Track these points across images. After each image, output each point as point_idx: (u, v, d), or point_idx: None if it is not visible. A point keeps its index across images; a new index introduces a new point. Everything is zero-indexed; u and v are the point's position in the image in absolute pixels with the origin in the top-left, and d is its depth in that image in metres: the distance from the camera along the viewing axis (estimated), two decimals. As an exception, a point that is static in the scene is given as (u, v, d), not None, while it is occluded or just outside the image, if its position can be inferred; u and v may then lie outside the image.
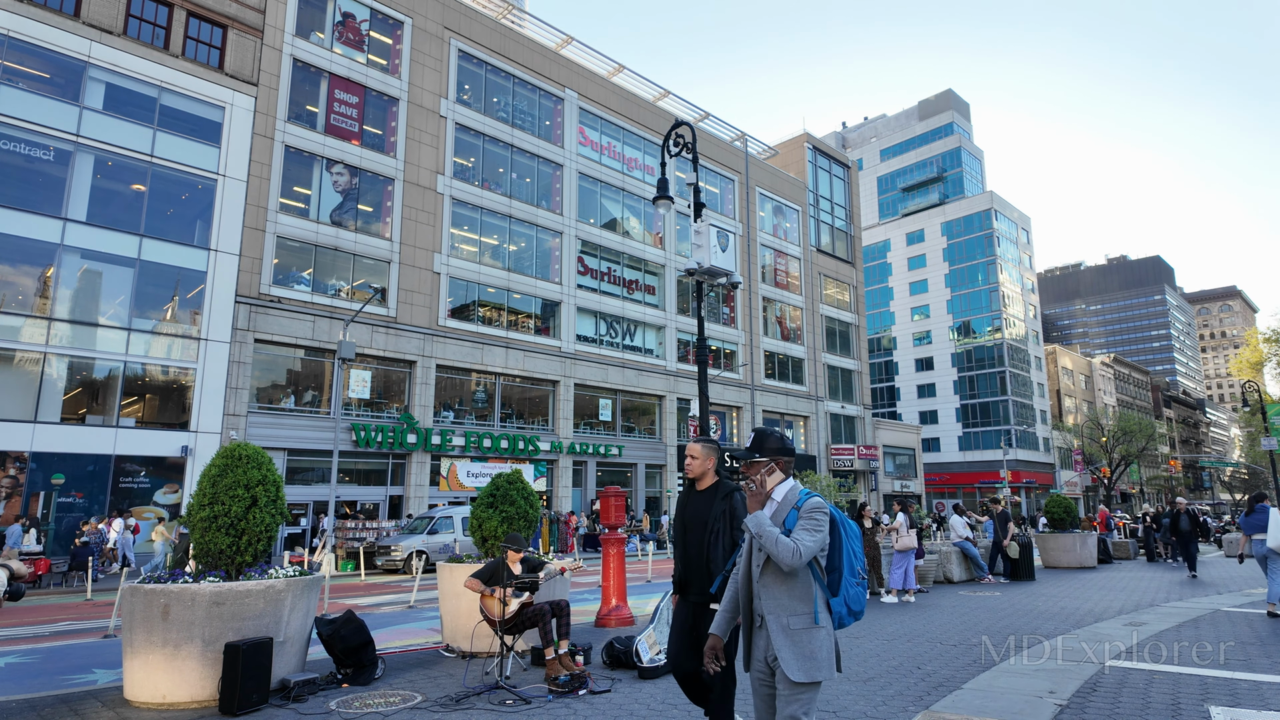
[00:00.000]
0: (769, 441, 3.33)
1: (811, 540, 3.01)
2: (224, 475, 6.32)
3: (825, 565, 3.14)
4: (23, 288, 21.06)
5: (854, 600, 3.14)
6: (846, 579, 3.12)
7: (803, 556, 2.96)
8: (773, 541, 2.98)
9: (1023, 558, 15.94)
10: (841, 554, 3.15)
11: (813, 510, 3.09)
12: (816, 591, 3.09)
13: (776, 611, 3.08)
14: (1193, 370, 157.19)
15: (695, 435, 40.37)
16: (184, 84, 24.16)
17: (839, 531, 3.16)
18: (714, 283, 12.11)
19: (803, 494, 3.19)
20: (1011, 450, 67.28)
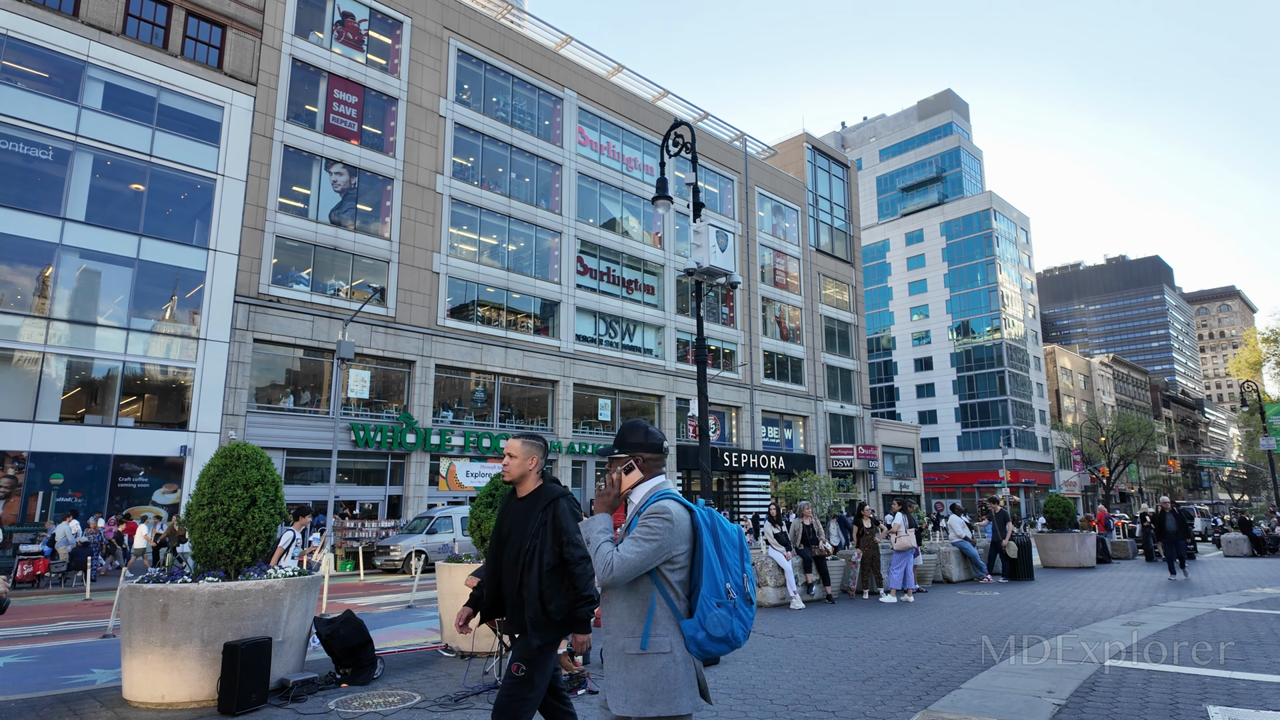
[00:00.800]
0: (632, 435, 2.89)
1: (636, 551, 2.54)
2: (223, 475, 6.32)
3: (685, 581, 2.66)
4: (21, 287, 21.04)
5: (714, 625, 2.55)
6: (705, 599, 2.58)
7: (615, 570, 2.52)
8: (594, 550, 2.60)
9: (1021, 557, 15.95)
10: (702, 568, 2.61)
11: (650, 515, 2.61)
12: (654, 610, 2.60)
13: (615, 632, 2.66)
14: (1191, 370, 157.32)
15: (695, 433, 40.13)
16: (183, 83, 24.14)
17: (700, 541, 2.65)
18: (713, 282, 12.12)
19: (654, 497, 2.72)
20: (1010, 450, 67.33)
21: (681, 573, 2.64)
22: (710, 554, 2.63)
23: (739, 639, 2.61)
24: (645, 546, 2.56)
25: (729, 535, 2.71)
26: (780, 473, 41.57)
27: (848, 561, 13.37)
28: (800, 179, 51.21)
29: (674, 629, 2.60)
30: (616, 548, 2.57)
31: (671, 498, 2.69)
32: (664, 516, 2.60)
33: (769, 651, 7.95)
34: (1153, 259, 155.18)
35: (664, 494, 2.73)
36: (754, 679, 6.67)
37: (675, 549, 2.61)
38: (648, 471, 2.86)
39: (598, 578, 2.59)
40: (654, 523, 2.59)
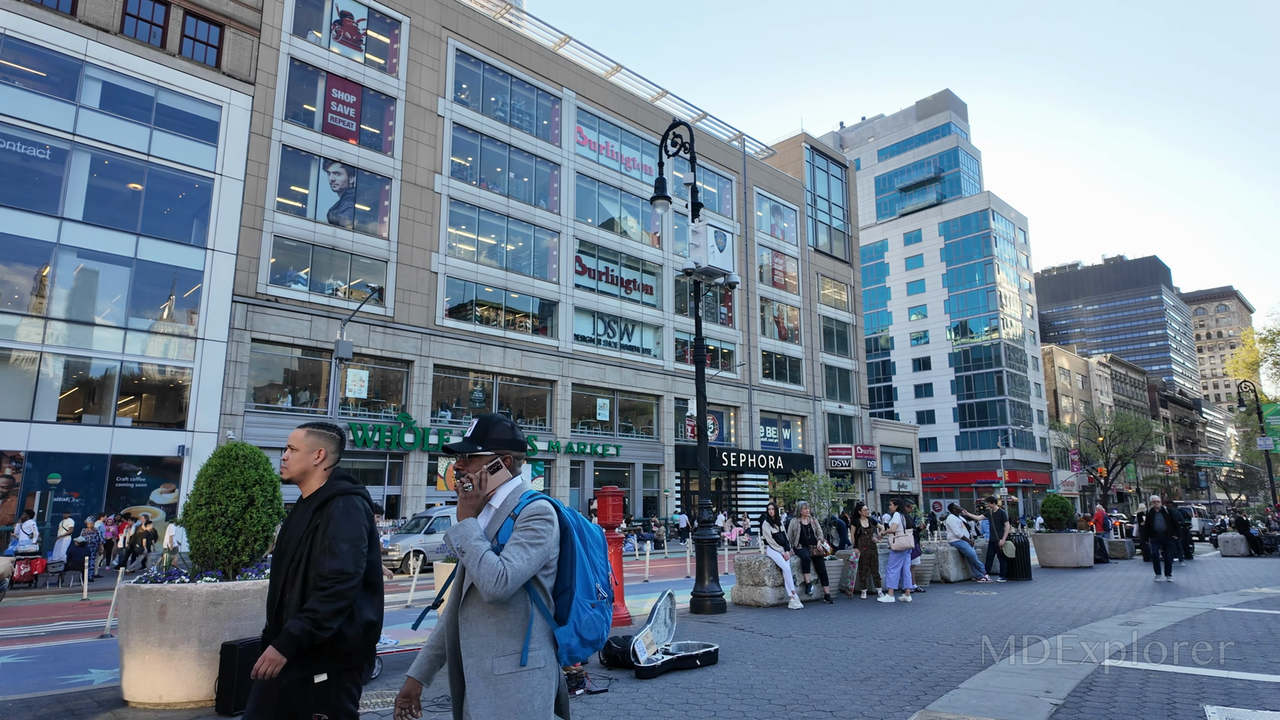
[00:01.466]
0: (495, 430, 2.59)
1: (525, 558, 2.32)
2: (221, 475, 6.31)
3: (554, 586, 2.46)
4: (19, 287, 21.00)
5: (588, 627, 2.44)
6: (579, 601, 2.43)
7: (510, 581, 2.27)
8: (475, 561, 2.31)
9: (1019, 557, 15.96)
10: (574, 570, 2.46)
11: (532, 517, 2.41)
12: (534, 622, 2.39)
13: (479, 653, 2.36)
14: (1189, 370, 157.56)
15: (693, 433, 40.04)
16: (181, 83, 24.11)
17: (572, 541, 2.49)
18: (712, 282, 12.12)
19: (524, 497, 2.51)
20: (1008, 450, 67.40)
21: (552, 578, 2.46)
22: (582, 553, 2.50)
23: (604, 639, 2.50)
24: (533, 552, 2.35)
25: (593, 534, 2.59)
26: (778, 473, 41.58)
27: (846, 561, 13.37)
28: (799, 179, 51.22)
29: (547, 640, 2.41)
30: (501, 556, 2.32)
31: (543, 497, 2.50)
32: (547, 518, 2.42)
33: (767, 651, 7.96)
34: (1150, 259, 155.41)
35: (535, 494, 2.54)
36: (752, 679, 6.67)
37: (553, 552, 2.43)
38: (515, 470, 2.62)
39: (488, 589, 2.27)
40: (538, 525, 2.39)
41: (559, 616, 2.44)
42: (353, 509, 2.97)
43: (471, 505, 2.52)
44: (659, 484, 37.06)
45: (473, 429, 2.60)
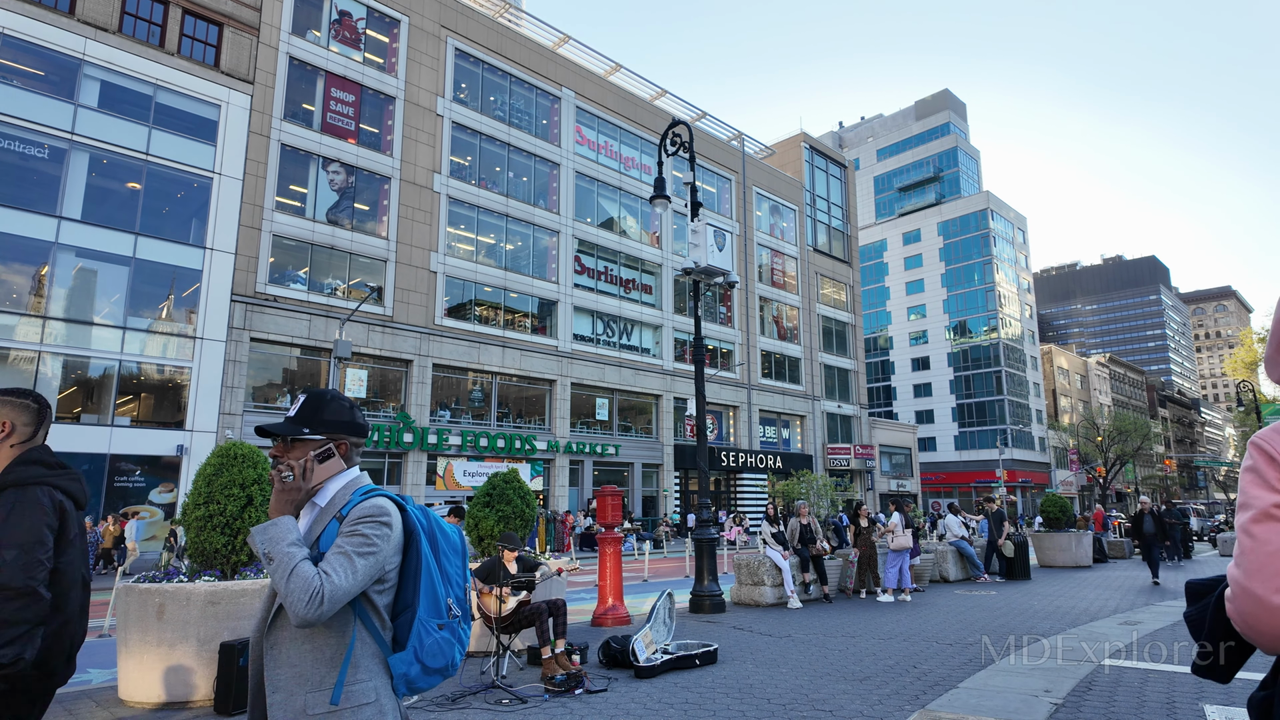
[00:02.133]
0: (329, 409, 2.13)
1: (349, 571, 1.87)
2: (219, 474, 6.31)
3: (392, 603, 2.03)
4: (17, 286, 20.97)
5: (433, 653, 1.99)
6: (423, 621, 1.99)
7: (326, 601, 1.81)
8: (284, 573, 1.84)
9: (1018, 557, 15.97)
10: (420, 583, 2.02)
11: (363, 519, 1.95)
12: (362, 648, 1.96)
13: (290, 687, 1.90)
14: (1188, 370, 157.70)
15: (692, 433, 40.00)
16: (180, 82, 24.08)
17: (418, 547, 2.04)
18: (711, 282, 12.12)
19: (358, 494, 2.06)
20: (1007, 450, 67.44)
21: (389, 594, 2.02)
22: (431, 564, 2.05)
23: (456, 664, 2.07)
24: (361, 564, 1.89)
25: (449, 538, 2.16)
26: (778, 472, 41.57)
27: (845, 561, 13.37)
28: (798, 179, 51.22)
29: (380, 669, 1.97)
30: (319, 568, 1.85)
31: (382, 494, 2.06)
32: (382, 520, 1.96)
33: (766, 650, 7.96)
34: (1149, 259, 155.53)
35: (371, 490, 2.08)
36: (751, 678, 6.67)
37: (390, 562, 1.99)
38: (351, 461, 2.15)
39: (299, 612, 1.80)
40: (370, 530, 1.93)
41: (397, 640, 2.01)
42: (25, 504, 2.33)
43: (290, 500, 2.02)
44: (658, 483, 37.05)
45: (300, 406, 2.12)
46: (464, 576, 2.17)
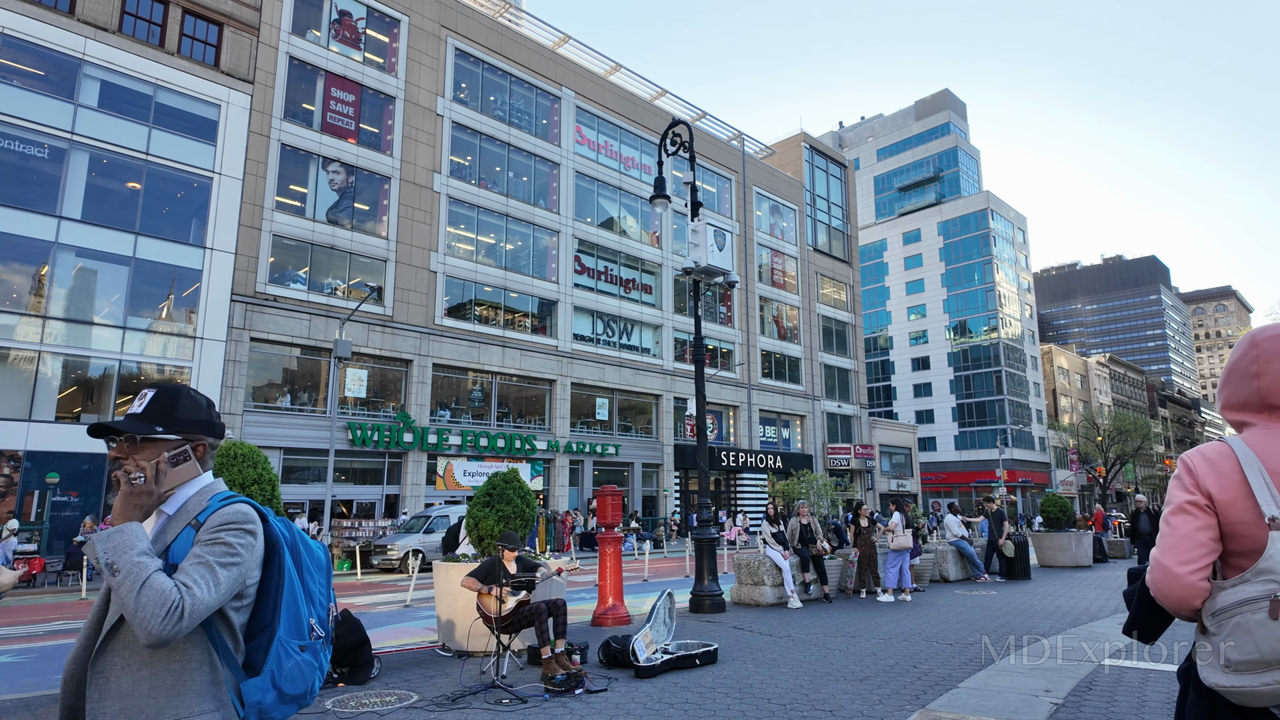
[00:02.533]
0: (183, 406, 1.89)
1: (211, 584, 1.65)
2: (219, 474, 6.30)
3: (247, 622, 1.81)
4: (17, 286, 20.97)
5: (291, 678, 1.79)
6: (283, 643, 1.79)
7: (187, 615, 1.59)
8: (134, 586, 1.58)
9: (1018, 556, 15.96)
10: (281, 600, 1.82)
11: (225, 526, 1.74)
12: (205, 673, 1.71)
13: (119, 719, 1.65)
14: (1188, 370, 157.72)
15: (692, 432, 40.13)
16: (180, 82, 24.08)
17: (280, 561, 1.85)
18: (711, 282, 12.12)
19: (215, 499, 1.83)
20: (1007, 449, 67.44)
21: (246, 612, 1.80)
22: (294, 580, 1.87)
23: (315, 691, 1.88)
24: (225, 575, 1.67)
25: (313, 553, 2.00)
26: (778, 472, 41.58)
27: (845, 561, 13.37)
28: (798, 178, 51.22)
29: (227, 698, 1.74)
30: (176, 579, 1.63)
31: (243, 501, 1.85)
32: (247, 528, 1.76)
33: (766, 650, 7.95)
34: (1149, 259, 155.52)
35: (230, 496, 1.86)
36: (751, 678, 6.67)
37: (251, 576, 1.78)
38: (206, 464, 1.93)
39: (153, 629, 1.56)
40: (234, 538, 1.72)
41: (250, 664, 1.77)
42: None
43: (139, 506, 1.77)
44: (658, 483, 37.05)
45: (149, 401, 1.87)
46: (328, 595, 2.00)
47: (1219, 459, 1.67)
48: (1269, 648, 1.46)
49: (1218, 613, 1.58)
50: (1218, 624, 1.58)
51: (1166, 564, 1.61)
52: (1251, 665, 1.49)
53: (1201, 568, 1.59)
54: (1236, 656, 1.51)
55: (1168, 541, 1.64)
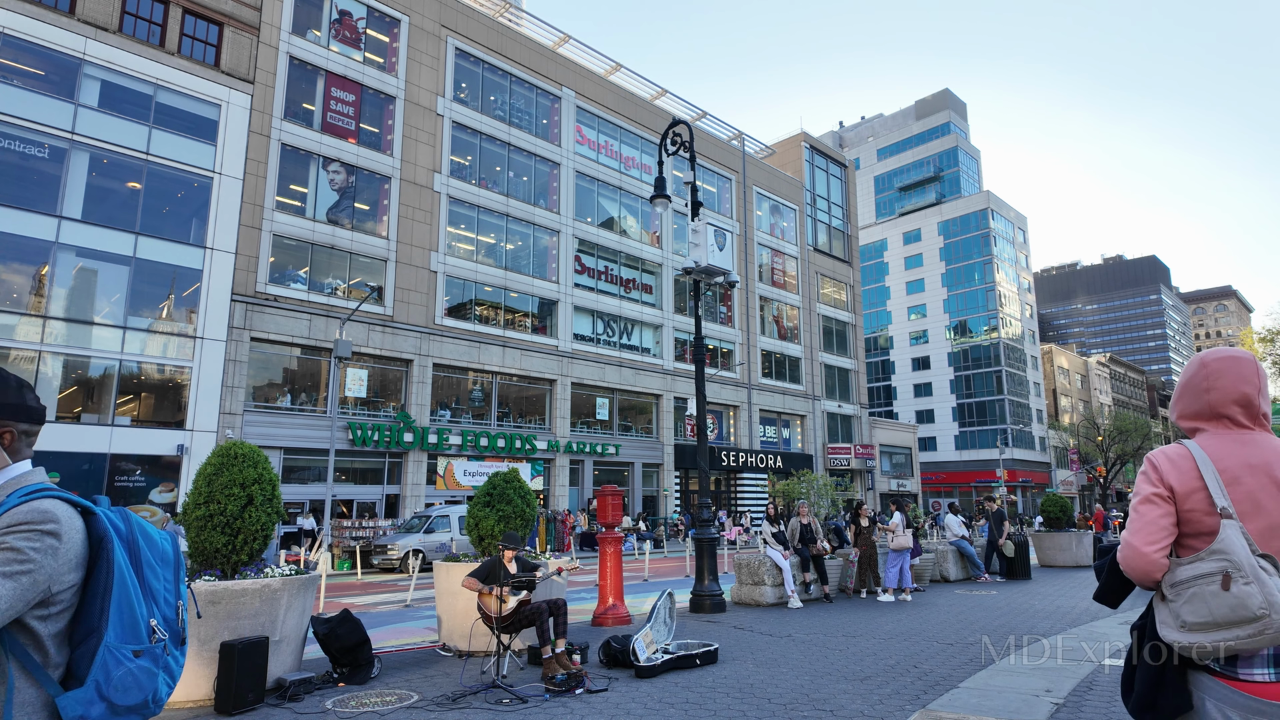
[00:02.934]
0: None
1: None
2: (220, 474, 6.30)
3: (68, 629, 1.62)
4: (17, 286, 20.97)
5: (122, 687, 1.60)
6: (113, 649, 1.60)
7: None
8: None
9: (1019, 556, 15.96)
10: (109, 602, 1.62)
11: (15, 528, 1.53)
12: (12, 690, 1.53)
13: None
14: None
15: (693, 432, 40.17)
16: (180, 81, 24.08)
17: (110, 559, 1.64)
18: (711, 282, 12.11)
19: (16, 495, 1.61)
20: (1007, 449, 67.43)
21: (63, 619, 1.60)
22: (127, 579, 1.67)
23: (162, 699, 1.70)
24: (8, 587, 1.46)
25: (156, 547, 1.80)
26: (778, 472, 41.58)
27: (845, 560, 13.37)
28: (798, 178, 51.21)
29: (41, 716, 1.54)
30: None
31: (53, 496, 1.62)
32: (44, 529, 1.54)
33: (767, 650, 7.95)
34: (1149, 259, 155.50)
35: (38, 490, 1.63)
36: (751, 678, 6.67)
37: (60, 581, 1.57)
38: (15, 453, 1.72)
39: None
40: (23, 541, 1.51)
41: (74, 674, 1.58)
42: None
43: None
44: (658, 483, 37.05)
45: None
46: (177, 592, 1.80)
47: (1179, 459, 2.02)
48: (1220, 613, 1.80)
49: (1176, 584, 1.92)
50: (1176, 593, 1.92)
51: (1135, 544, 1.97)
52: (1205, 626, 1.83)
53: (1163, 547, 1.95)
54: (1192, 619, 1.86)
55: (1136, 525, 2.00)
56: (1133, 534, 2.01)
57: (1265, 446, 2.00)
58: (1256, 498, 1.93)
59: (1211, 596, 1.83)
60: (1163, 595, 1.98)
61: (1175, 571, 1.94)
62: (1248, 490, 1.94)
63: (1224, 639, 1.81)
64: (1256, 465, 1.97)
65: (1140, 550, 1.96)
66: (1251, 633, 1.77)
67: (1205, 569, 1.87)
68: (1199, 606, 1.85)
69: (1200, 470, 1.98)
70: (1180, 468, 2.01)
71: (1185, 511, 1.98)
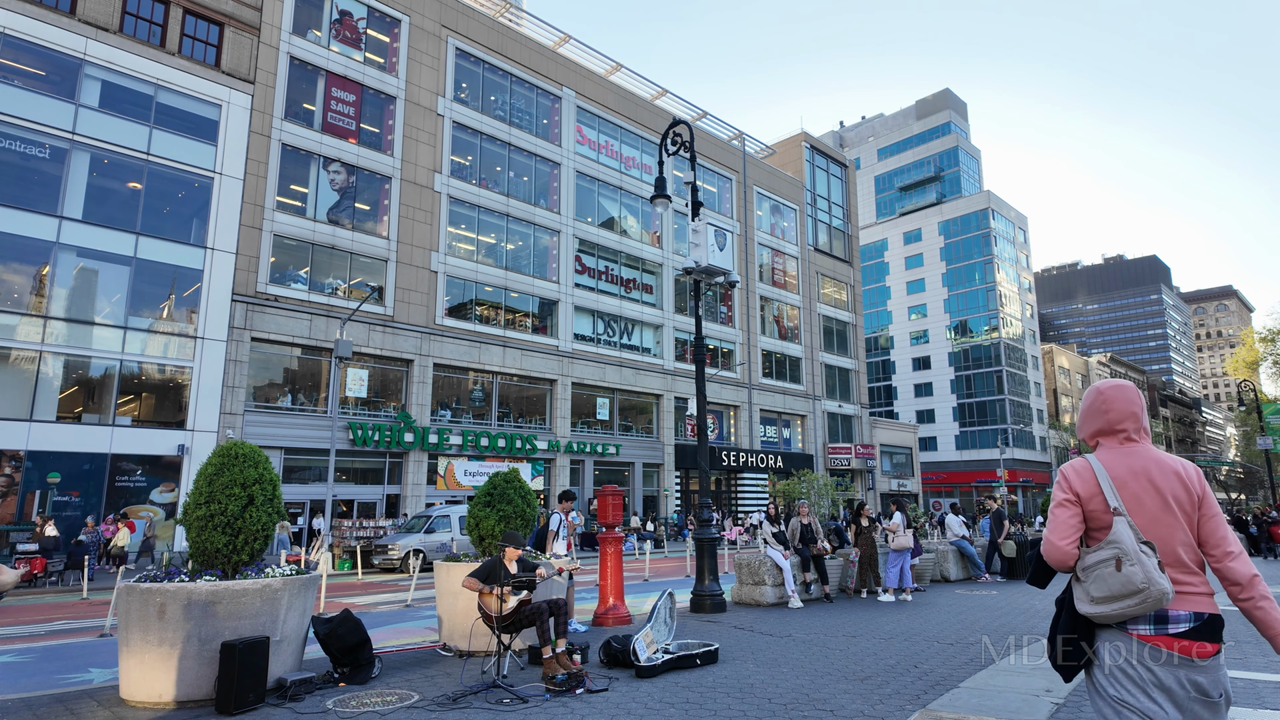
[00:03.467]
0: None
1: None
2: (220, 474, 6.31)
3: None
4: (18, 286, 20.99)
5: None
6: None
7: None
8: None
9: (1019, 556, 15.96)
10: None
11: None
12: None
13: None
14: (1189, 369, 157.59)
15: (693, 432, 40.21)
16: (180, 82, 24.09)
17: None
18: (712, 282, 12.11)
19: None
20: (1008, 449, 67.40)
21: None
22: None
23: None
24: None
25: None
26: (778, 472, 41.58)
27: (845, 560, 13.37)
28: (798, 178, 51.21)
29: None
30: None
31: None
32: None
33: (767, 650, 7.96)
34: (1150, 258, 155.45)
35: None
36: (752, 678, 6.67)
37: None
38: None
39: None
40: None
41: None
42: None
43: None
44: (659, 483, 37.06)
45: None
46: None
47: (1083, 470, 2.57)
48: (1115, 588, 2.37)
49: (1085, 569, 2.48)
50: (1085, 575, 2.47)
51: (1053, 540, 2.53)
52: (1106, 599, 2.40)
53: (1073, 541, 2.51)
54: (1097, 594, 2.42)
55: (1052, 525, 2.55)
56: (1050, 532, 2.55)
57: (1145, 456, 2.56)
58: (1139, 497, 2.49)
59: (1109, 576, 2.39)
60: (1076, 577, 2.53)
61: (1084, 559, 2.49)
62: (1133, 492, 2.50)
63: (1119, 608, 2.38)
64: (1138, 471, 2.52)
65: (1056, 544, 2.52)
66: (1136, 602, 2.34)
67: (1103, 555, 2.42)
68: (1101, 585, 2.41)
69: (1098, 479, 2.53)
70: (1084, 477, 2.56)
71: (1089, 511, 2.53)
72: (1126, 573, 2.36)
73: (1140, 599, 2.34)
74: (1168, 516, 2.47)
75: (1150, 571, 2.34)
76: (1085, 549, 2.50)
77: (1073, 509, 2.54)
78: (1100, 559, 2.43)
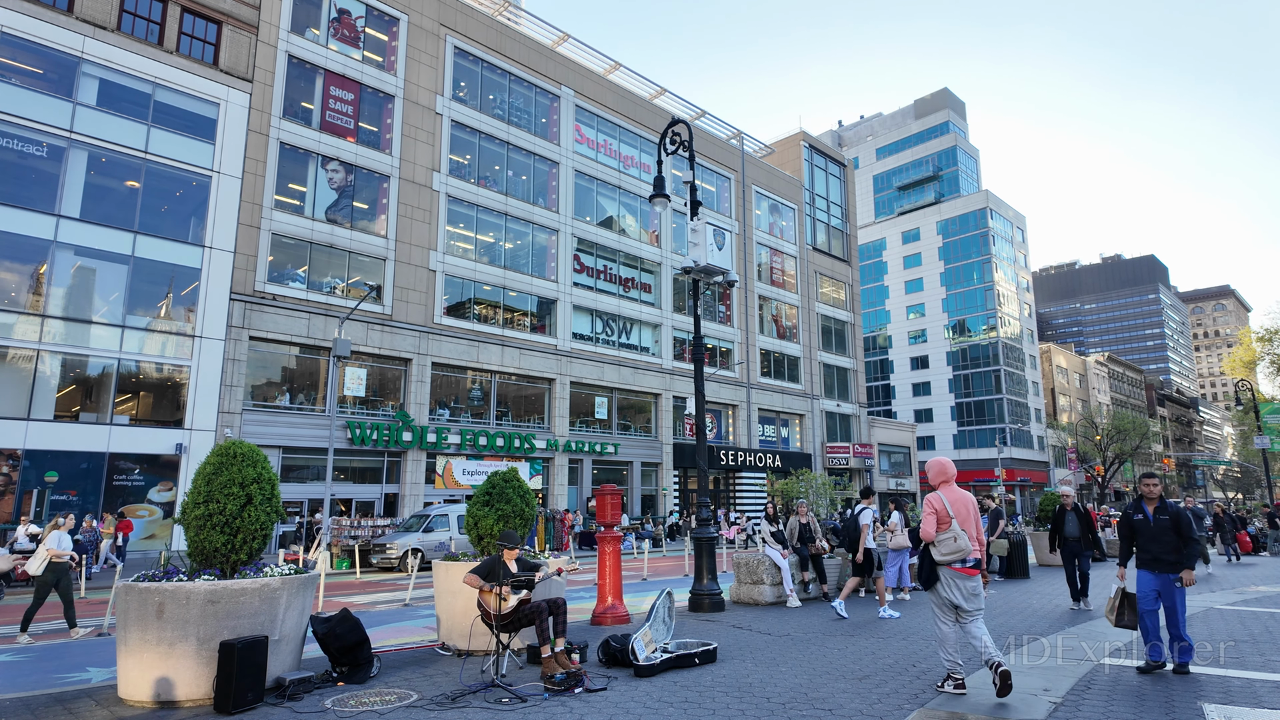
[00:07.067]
0: None
1: None
2: (219, 473, 6.30)
3: None
4: (15, 284, 20.95)
5: None
6: None
7: None
8: None
9: (1016, 556, 15.99)
10: None
11: None
12: None
13: None
14: (1186, 369, 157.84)
15: (691, 431, 40.06)
16: (178, 80, 24.05)
17: None
18: (710, 281, 12.11)
19: None
20: (1006, 448, 67.50)
21: None
22: None
23: None
24: None
25: None
26: (777, 471, 41.59)
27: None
28: (797, 177, 51.22)
29: None
30: None
31: None
32: None
33: (766, 650, 7.96)
34: (1148, 258, 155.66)
35: None
36: (750, 677, 6.67)
37: None
38: None
39: None
40: None
41: None
42: None
43: None
44: (657, 482, 37.06)
45: None
46: None
47: (939, 498, 6.09)
48: (951, 550, 5.90)
49: (938, 542, 5.97)
50: (938, 543, 5.97)
51: (926, 528, 6.04)
52: (947, 555, 5.93)
53: (933, 528, 6.01)
54: (943, 552, 5.94)
55: (924, 521, 6.07)
56: (924, 524, 6.06)
57: (959, 491, 6.15)
58: (960, 511, 6.05)
59: (949, 542, 5.90)
60: (932, 543, 5.99)
61: (938, 537, 5.97)
62: (958, 509, 6.04)
63: (951, 558, 5.90)
64: (958, 499, 6.09)
65: (927, 531, 6.02)
66: (960, 554, 5.87)
67: (945, 535, 5.94)
68: (945, 548, 5.92)
69: (944, 501, 6.05)
70: (941, 501, 6.05)
71: (940, 516, 6.00)
72: (959, 543, 5.88)
73: (960, 553, 5.88)
74: (969, 518, 6.04)
75: (964, 541, 5.88)
76: (939, 534, 5.97)
77: (935, 515, 6.02)
78: (944, 537, 5.94)
